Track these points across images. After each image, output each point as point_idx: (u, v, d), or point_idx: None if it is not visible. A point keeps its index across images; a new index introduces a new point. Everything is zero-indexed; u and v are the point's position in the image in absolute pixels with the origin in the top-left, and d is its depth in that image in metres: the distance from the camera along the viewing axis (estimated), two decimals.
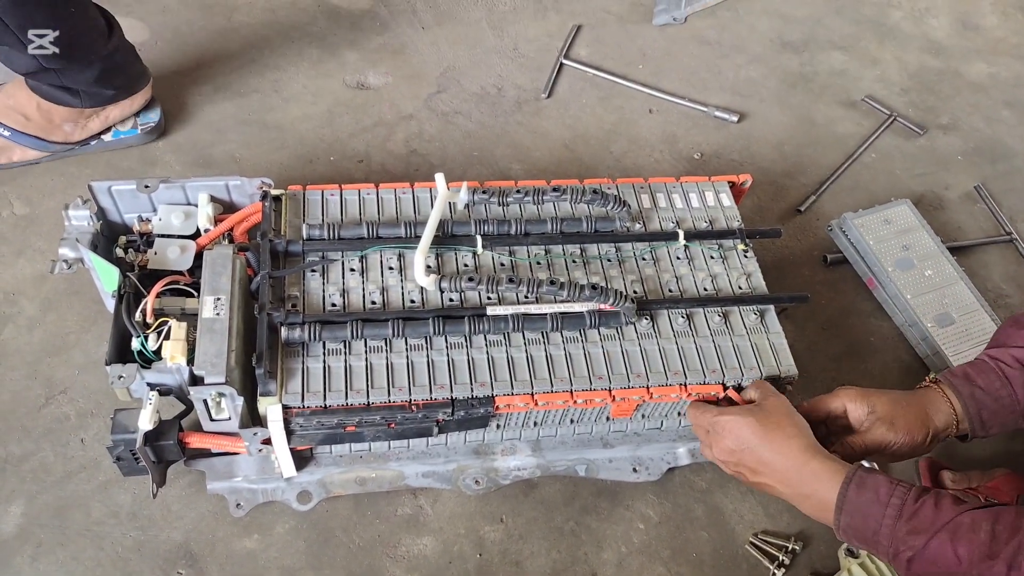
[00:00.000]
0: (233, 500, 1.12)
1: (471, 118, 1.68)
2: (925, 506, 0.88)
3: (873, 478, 0.91)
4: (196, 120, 1.59)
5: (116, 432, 0.97)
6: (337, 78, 1.72)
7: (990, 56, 1.98)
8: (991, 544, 0.83)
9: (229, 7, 1.82)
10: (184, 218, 1.15)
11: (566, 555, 1.15)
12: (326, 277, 1.11)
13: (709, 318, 1.14)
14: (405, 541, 1.14)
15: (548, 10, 1.93)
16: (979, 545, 0.83)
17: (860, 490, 0.91)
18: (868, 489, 0.91)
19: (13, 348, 1.25)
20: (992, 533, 0.83)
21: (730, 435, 1.01)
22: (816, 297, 1.45)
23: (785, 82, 1.85)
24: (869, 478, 0.92)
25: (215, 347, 0.98)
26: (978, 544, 0.83)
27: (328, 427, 1.03)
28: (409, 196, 1.22)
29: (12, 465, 1.15)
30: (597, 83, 1.78)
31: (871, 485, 0.91)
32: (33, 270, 1.34)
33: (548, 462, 1.19)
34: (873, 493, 0.90)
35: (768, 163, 1.67)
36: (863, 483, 0.91)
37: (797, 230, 1.57)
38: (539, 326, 1.08)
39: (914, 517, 0.87)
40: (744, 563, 1.16)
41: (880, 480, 0.91)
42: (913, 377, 1.38)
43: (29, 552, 1.08)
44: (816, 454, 0.96)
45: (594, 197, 1.19)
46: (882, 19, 2.04)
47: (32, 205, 1.42)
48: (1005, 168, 1.73)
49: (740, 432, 1.00)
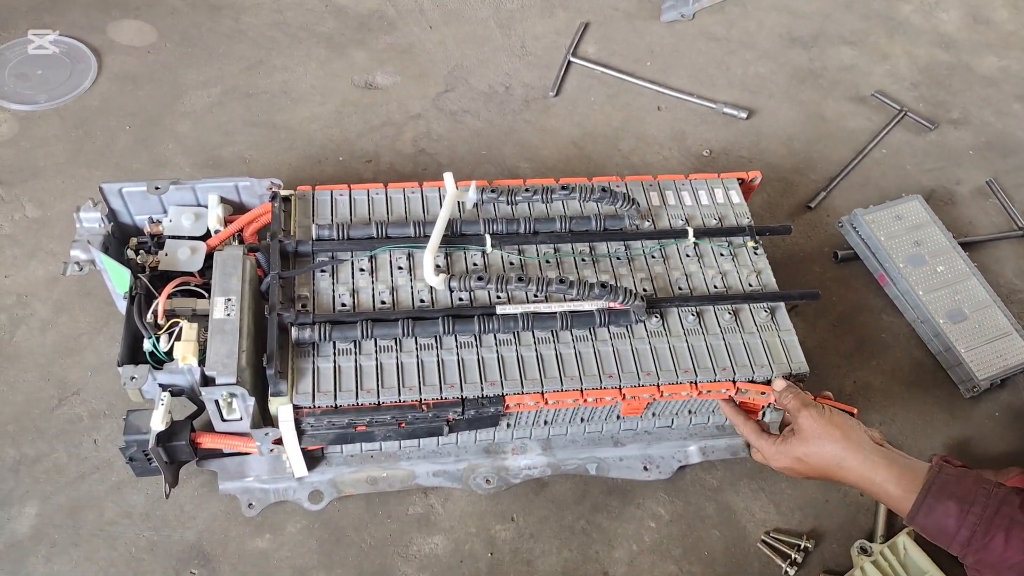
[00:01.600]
0: (245, 500, 1.12)
1: (479, 117, 1.68)
2: (995, 540, 0.88)
3: (943, 506, 0.90)
4: (205, 122, 1.60)
5: (129, 433, 0.98)
6: (345, 78, 1.72)
7: (1001, 50, 1.96)
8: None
9: (237, 9, 1.82)
10: (194, 219, 1.16)
11: (577, 554, 1.15)
12: (336, 277, 1.11)
13: (719, 315, 1.13)
14: (416, 540, 1.14)
15: (556, 7, 1.92)
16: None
17: (928, 517, 0.91)
18: (936, 517, 0.91)
19: (26, 350, 1.26)
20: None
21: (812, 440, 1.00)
22: (827, 294, 1.45)
23: (794, 78, 1.84)
24: (939, 506, 0.91)
25: (226, 348, 0.98)
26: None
27: (339, 427, 1.03)
28: (418, 195, 1.22)
29: (26, 466, 1.16)
30: (605, 80, 1.78)
31: (940, 513, 0.91)
32: (45, 272, 1.35)
33: (559, 461, 1.19)
34: (942, 522, 0.90)
35: (777, 159, 1.67)
36: (931, 510, 0.91)
37: (807, 226, 1.56)
38: (549, 325, 1.08)
39: (983, 550, 0.88)
40: (756, 561, 1.16)
41: (950, 508, 0.90)
42: (925, 373, 1.37)
43: (43, 552, 1.09)
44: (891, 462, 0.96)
45: (603, 195, 1.18)
46: (892, 13, 2.02)
47: (44, 208, 1.43)
48: (1017, 162, 1.72)
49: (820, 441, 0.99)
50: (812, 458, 1.00)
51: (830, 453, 0.98)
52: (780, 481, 1.22)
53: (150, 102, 1.62)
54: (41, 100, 1.59)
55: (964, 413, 1.33)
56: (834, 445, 0.98)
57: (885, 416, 1.31)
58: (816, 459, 0.99)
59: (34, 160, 1.50)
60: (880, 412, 1.32)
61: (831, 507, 1.20)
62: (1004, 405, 1.34)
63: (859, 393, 1.34)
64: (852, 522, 1.19)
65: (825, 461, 0.99)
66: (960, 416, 1.33)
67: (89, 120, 1.57)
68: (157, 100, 1.62)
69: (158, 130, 1.57)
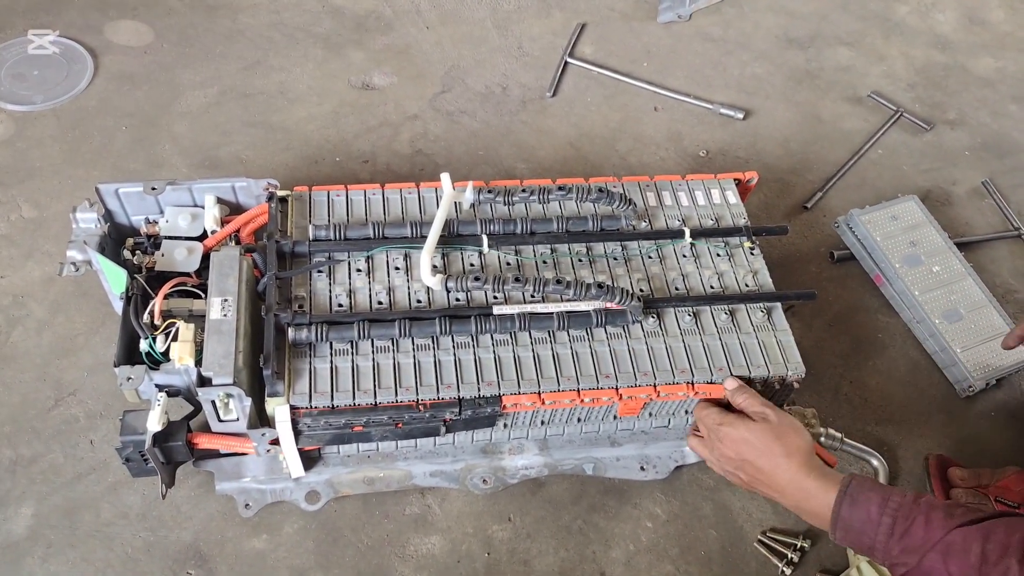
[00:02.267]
0: (242, 500, 1.12)
1: (476, 117, 1.68)
2: (916, 524, 0.88)
3: (865, 495, 0.92)
4: (202, 122, 1.60)
5: (125, 433, 0.98)
6: (342, 79, 1.72)
7: (997, 51, 1.97)
8: (981, 566, 0.83)
9: (234, 9, 1.82)
10: (191, 220, 1.16)
11: (574, 554, 1.15)
12: (332, 278, 1.11)
13: (716, 316, 1.13)
14: (413, 540, 1.14)
15: (552, 8, 1.92)
16: (970, 568, 0.84)
17: (852, 508, 0.92)
18: (860, 507, 0.91)
19: (22, 350, 1.26)
20: (982, 555, 0.84)
21: (731, 446, 1.03)
22: (823, 294, 1.45)
23: (791, 78, 1.84)
24: (861, 495, 0.92)
25: (223, 348, 0.98)
26: (969, 566, 0.84)
27: (336, 427, 1.03)
28: (415, 196, 1.22)
29: (22, 467, 1.15)
30: (602, 81, 1.78)
31: (863, 502, 0.91)
32: (41, 273, 1.35)
33: (555, 461, 1.19)
34: (865, 512, 0.91)
35: (774, 160, 1.67)
36: (855, 501, 0.92)
37: (804, 227, 1.56)
38: (546, 325, 1.08)
39: (905, 535, 0.88)
40: (753, 561, 1.16)
41: (871, 496, 0.91)
42: (921, 373, 1.37)
43: (39, 553, 1.08)
44: (811, 472, 0.97)
45: (600, 196, 1.18)
46: (888, 14, 2.03)
47: (40, 208, 1.43)
48: (1013, 163, 1.72)
49: (739, 446, 1.02)
50: (767, 444, 1.00)
51: (780, 448, 0.99)
52: None
53: (147, 102, 1.62)
54: (37, 100, 1.59)
55: (960, 413, 1.34)
56: (788, 446, 0.99)
57: (881, 416, 1.32)
58: (772, 443, 0.99)
59: (30, 160, 1.50)
60: (876, 412, 1.32)
61: None
62: (1000, 405, 1.35)
63: (855, 392, 1.34)
64: None
65: (779, 445, 0.99)
66: (956, 416, 1.33)
67: (86, 120, 1.57)
68: (154, 100, 1.62)
69: (155, 130, 1.57)
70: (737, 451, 1.02)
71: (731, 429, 1.03)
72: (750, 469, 1.01)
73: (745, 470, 1.02)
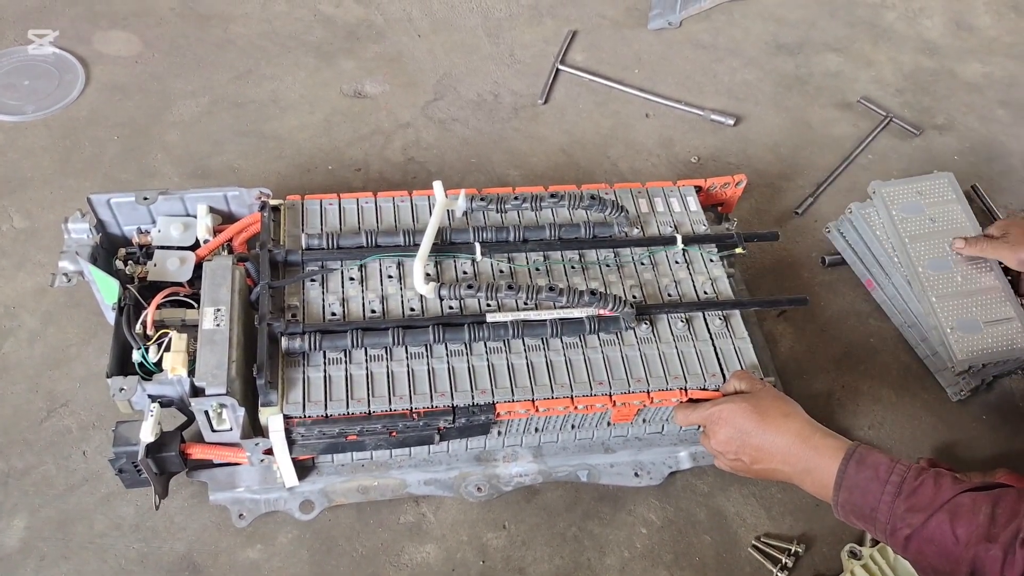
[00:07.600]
0: (236, 510, 1.12)
1: (468, 125, 1.68)
2: (925, 484, 0.88)
3: (873, 456, 0.92)
4: (194, 132, 1.60)
5: (118, 444, 0.97)
6: (334, 87, 1.72)
7: (984, 56, 1.98)
8: (990, 527, 0.82)
9: (225, 18, 1.82)
10: (183, 229, 1.16)
11: (569, 561, 1.15)
12: (325, 286, 1.11)
13: (709, 322, 1.14)
14: (408, 549, 1.14)
15: (543, 16, 1.93)
16: (978, 527, 0.83)
17: (860, 466, 0.91)
18: (868, 466, 0.91)
19: (14, 361, 1.26)
20: (992, 516, 0.83)
21: (727, 424, 1.02)
22: (815, 299, 1.46)
23: (780, 85, 1.85)
24: (869, 455, 0.92)
25: (216, 358, 0.98)
26: (977, 526, 0.83)
27: (329, 436, 1.03)
28: (407, 204, 1.22)
29: (15, 479, 1.15)
30: (593, 88, 1.79)
31: (871, 462, 0.91)
32: (33, 283, 1.34)
33: (550, 468, 1.19)
34: (873, 470, 0.91)
35: (765, 166, 1.68)
36: (863, 460, 0.92)
37: (795, 232, 1.57)
38: (539, 332, 1.08)
39: (913, 495, 0.88)
40: (747, 566, 1.16)
41: (880, 458, 0.91)
42: (913, 377, 1.38)
43: (32, 566, 1.08)
44: (816, 430, 0.97)
45: (592, 203, 1.19)
46: (876, 20, 2.04)
47: (32, 218, 1.43)
48: (1001, 167, 1.73)
49: (736, 419, 1.01)
50: (764, 410, 1.00)
51: (781, 409, 1.00)
52: (771, 486, 1.22)
53: (138, 112, 1.61)
54: (28, 110, 1.59)
55: (952, 417, 1.34)
56: (788, 406, 1.01)
57: (873, 420, 1.32)
58: (768, 407, 1.00)
59: (21, 171, 1.49)
60: (868, 416, 1.33)
61: (821, 511, 1.21)
62: (991, 408, 1.35)
63: (847, 397, 1.35)
64: (842, 526, 1.19)
65: (777, 408, 1.00)
66: (947, 420, 1.34)
67: (77, 130, 1.57)
68: (145, 110, 1.62)
69: (146, 140, 1.57)
70: (736, 426, 1.01)
71: (724, 406, 1.02)
72: (752, 445, 1.00)
73: (746, 451, 1.01)
